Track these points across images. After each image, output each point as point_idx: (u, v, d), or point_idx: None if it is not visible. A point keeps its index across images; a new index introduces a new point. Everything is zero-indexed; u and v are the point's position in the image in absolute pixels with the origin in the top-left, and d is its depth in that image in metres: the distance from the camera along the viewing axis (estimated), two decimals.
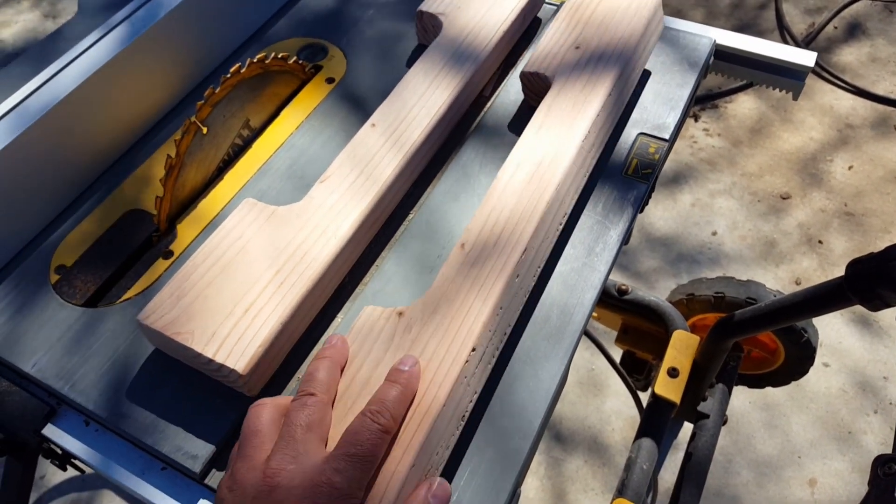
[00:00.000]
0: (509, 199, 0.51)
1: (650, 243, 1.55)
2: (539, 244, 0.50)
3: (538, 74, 0.60)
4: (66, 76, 0.57)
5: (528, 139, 0.55)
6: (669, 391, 0.76)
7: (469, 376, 0.44)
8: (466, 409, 0.44)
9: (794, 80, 0.71)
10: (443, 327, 0.44)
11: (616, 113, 0.60)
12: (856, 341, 1.39)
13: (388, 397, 0.40)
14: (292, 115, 0.63)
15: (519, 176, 0.52)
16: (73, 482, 1.29)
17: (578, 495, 1.24)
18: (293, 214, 0.51)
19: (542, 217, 0.50)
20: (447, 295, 0.46)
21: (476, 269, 0.47)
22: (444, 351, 0.43)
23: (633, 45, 0.60)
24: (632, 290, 0.88)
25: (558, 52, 0.61)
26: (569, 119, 0.55)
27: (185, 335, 0.46)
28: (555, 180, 0.52)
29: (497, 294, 0.46)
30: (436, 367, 0.43)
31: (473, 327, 0.44)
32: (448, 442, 0.43)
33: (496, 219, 0.50)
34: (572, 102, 0.56)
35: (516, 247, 0.48)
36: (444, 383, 0.42)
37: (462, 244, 0.49)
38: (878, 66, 1.83)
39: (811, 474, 1.25)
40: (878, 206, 1.58)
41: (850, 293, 0.67)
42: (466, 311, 0.45)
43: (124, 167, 0.62)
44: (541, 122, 0.56)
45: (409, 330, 0.45)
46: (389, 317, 0.46)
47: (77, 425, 0.49)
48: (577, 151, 0.54)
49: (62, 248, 0.56)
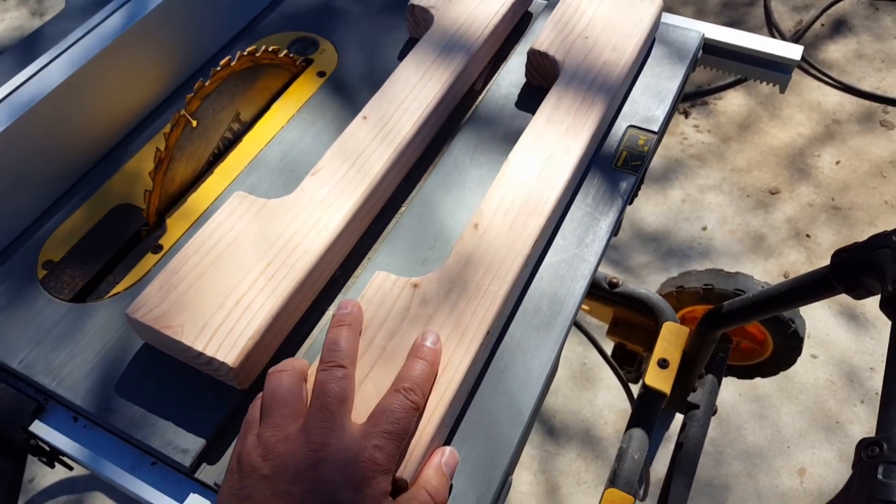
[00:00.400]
0: (521, 188, 0.53)
1: (641, 238, 1.56)
2: (544, 236, 0.52)
3: (547, 56, 0.61)
4: (53, 70, 0.56)
5: (539, 127, 0.57)
6: (660, 382, 0.76)
7: (481, 357, 0.46)
8: (470, 384, 0.47)
9: (781, 73, 0.71)
10: (459, 308, 0.46)
11: (615, 107, 0.62)
12: (843, 333, 1.41)
13: (416, 373, 0.41)
14: (283, 109, 0.63)
15: (530, 166, 0.54)
16: (62, 485, 1.28)
17: (572, 489, 1.24)
18: (284, 207, 0.51)
19: (552, 210, 0.52)
20: (463, 275, 0.48)
21: (490, 255, 0.49)
22: (460, 333, 0.45)
23: (638, 43, 0.62)
24: (622, 283, 0.89)
25: (567, 38, 0.62)
26: (579, 115, 0.57)
27: (174, 329, 0.45)
28: (563, 177, 0.54)
29: (510, 282, 0.48)
30: (453, 348, 0.44)
31: (489, 312, 0.46)
32: (455, 415, 0.45)
33: (508, 206, 0.52)
34: (581, 98, 0.58)
35: (527, 240, 0.50)
36: (460, 365, 0.44)
37: (476, 224, 0.51)
38: (864, 63, 1.85)
39: (800, 464, 1.26)
40: (864, 200, 1.59)
41: (835, 282, 0.68)
42: (481, 296, 0.47)
43: (113, 161, 0.61)
44: (549, 114, 0.57)
45: (425, 304, 0.46)
46: (404, 286, 0.48)
47: (65, 421, 0.49)
48: (584, 150, 0.56)
49: (50, 243, 0.56)
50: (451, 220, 0.56)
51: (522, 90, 0.64)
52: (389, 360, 0.44)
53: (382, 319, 0.46)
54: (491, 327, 0.46)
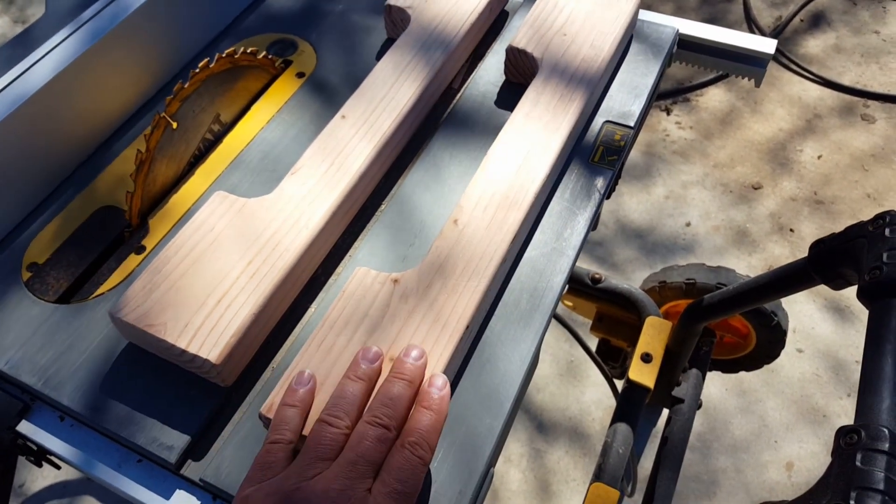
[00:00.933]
0: (500, 184, 0.54)
1: (625, 235, 1.57)
2: (523, 230, 0.53)
3: (525, 53, 0.62)
4: (33, 74, 0.57)
5: (518, 123, 0.57)
6: (643, 376, 0.77)
7: (460, 351, 0.47)
8: (451, 377, 0.47)
9: (755, 67, 0.73)
10: (439, 303, 0.47)
11: (593, 103, 0.63)
12: (828, 327, 1.42)
13: (423, 426, 0.39)
14: (263, 110, 0.64)
15: (509, 161, 0.55)
16: (53, 489, 1.28)
17: (561, 486, 1.25)
18: (264, 206, 0.52)
19: (531, 206, 0.53)
20: (442, 270, 0.49)
21: (469, 250, 0.50)
22: (440, 328, 0.46)
23: (615, 39, 0.63)
24: (605, 279, 0.89)
25: (545, 35, 0.63)
26: (557, 111, 0.58)
27: (157, 327, 0.46)
28: (542, 172, 0.54)
29: (489, 277, 0.48)
30: (433, 342, 0.45)
31: (467, 308, 0.47)
32: None
33: (487, 201, 0.52)
34: (559, 94, 0.59)
35: (506, 234, 0.51)
36: (440, 359, 0.44)
37: (455, 220, 0.51)
38: (843, 57, 1.87)
39: (787, 458, 1.28)
40: (847, 194, 1.61)
41: (814, 273, 0.68)
42: (461, 291, 0.48)
43: (95, 164, 0.62)
44: (528, 110, 0.58)
45: (405, 299, 0.47)
46: (384, 282, 0.48)
47: (52, 421, 0.49)
48: (563, 145, 0.56)
49: (34, 245, 0.56)
50: (431, 217, 0.57)
51: (501, 88, 0.65)
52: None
53: (363, 315, 0.46)
54: (470, 322, 0.47)
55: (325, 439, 0.39)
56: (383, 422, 0.39)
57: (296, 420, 0.41)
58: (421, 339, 0.45)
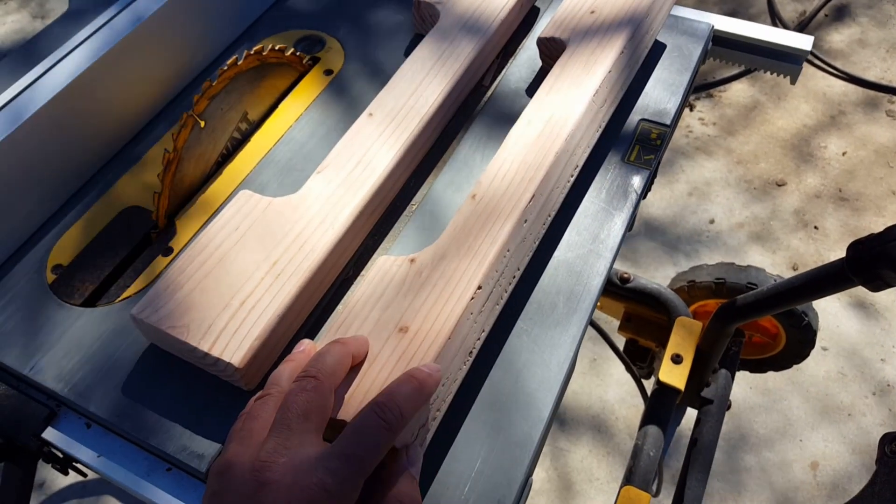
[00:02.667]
0: (519, 151, 0.52)
1: (649, 232, 1.55)
2: (549, 192, 0.51)
3: (554, 39, 0.60)
4: (58, 72, 0.56)
5: (540, 98, 0.56)
6: (674, 378, 0.76)
7: (475, 313, 0.45)
8: (474, 346, 0.46)
9: (791, 64, 0.71)
10: (451, 268, 0.46)
11: (629, 73, 0.60)
12: (853, 325, 1.40)
13: (399, 391, 0.36)
14: (291, 108, 0.62)
15: (530, 131, 0.53)
16: (74, 488, 1.28)
17: (584, 485, 1.24)
18: (290, 206, 0.51)
19: (552, 166, 0.51)
20: (457, 240, 0.47)
21: (484, 217, 0.48)
22: (451, 290, 0.44)
23: (645, 8, 0.60)
24: (634, 279, 0.88)
25: (574, 17, 0.61)
26: (580, 77, 0.56)
27: (180, 329, 0.45)
28: (564, 132, 0.52)
29: (504, 236, 0.47)
30: (443, 304, 0.44)
31: (480, 267, 0.45)
32: (456, 375, 0.44)
33: (506, 170, 0.51)
34: (584, 62, 0.57)
35: (525, 193, 0.49)
36: (450, 317, 0.43)
37: (473, 195, 0.50)
38: (868, 52, 1.83)
39: (813, 457, 1.26)
40: (872, 191, 1.58)
41: (852, 274, 0.67)
42: (474, 253, 0.46)
43: (121, 163, 0.61)
44: (552, 83, 0.57)
45: (419, 274, 0.46)
46: (402, 264, 0.47)
47: (78, 428, 0.48)
48: (588, 105, 0.54)
49: (59, 247, 0.55)
50: None
51: (534, 80, 0.64)
52: (381, 329, 0.43)
53: (379, 296, 0.45)
54: (482, 281, 0.45)
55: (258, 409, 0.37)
56: (308, 372, 0.37)
57: (286, 374, 0.39)
58: (430, 305, 0.44)
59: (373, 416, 0.35)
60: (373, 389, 0.40)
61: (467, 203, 0.50)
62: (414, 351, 0.42)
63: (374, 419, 0.34)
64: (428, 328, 0.43)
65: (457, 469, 0.44)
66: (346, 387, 0.40)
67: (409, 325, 0.43)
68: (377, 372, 0.41)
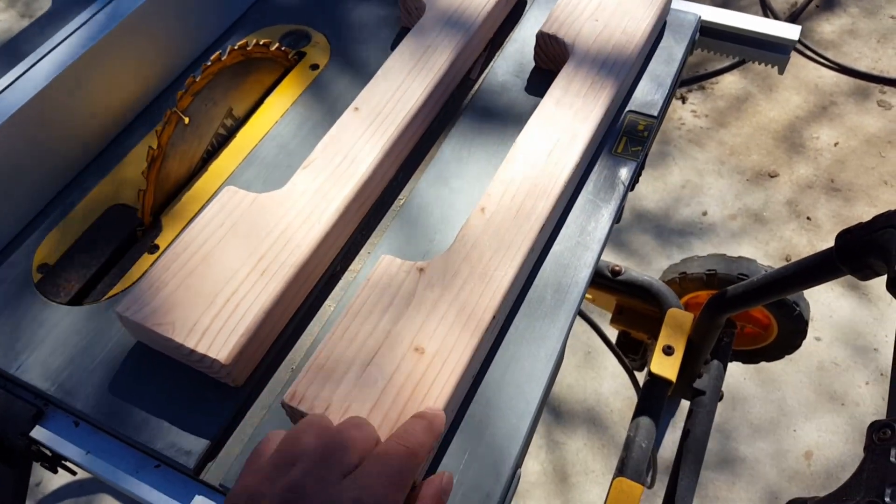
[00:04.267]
0: (529, 171, 0.52)
1: (641, 225, 1.55)
2: (552, 220, 0.52)
3: (556, 38, 0.60)
4: (40, 69, 0.55)
5: (547, 110, 0.56)
6: (665, 369, 0.76)
7: (487, 342, 0.46)
8: (475, 370, 0.46)
9: (779, 53, 0.70)
10: (465, 292, 0.46)
11: (624, 91, 0.61)
12: (846, 314, 1.40)
13: (411, 426, 0.38)
14: (277, 103, 0.62)
15: (538, 149, 0.54)
16: (70, 487, 1.28)
17: (580, 478, 1.24)
18: (275, 201, 0.50)
19: (560, 195, 0.52)
20: (469, 259, 0.48)
21: (497, 239, 0.49)
22: (465, 317, 0.45)
23: (648, 26, 0.61)
24: (625, 271, 0.88)
25: (577, 20, 0.61)
26: (588, 99, 0.57)
27: (165, 326, 0.45)
28: (572, 160, 0.53)
29: (516, 267, 0.47)
30: (459, 329, 0.44)
31: (494, 297, 0.46)
32: (459, 400, 0.45)
33: (516, 190, 0.51)
34: (591, 82, 0.58)
35: (535, 222, 0.49)
36: (466, 349, 0.43)
37: (482, 208, 0.50)
38: (859, 42, 1.83)
39: (807, 447, 1.26)
40: (864, 181, 1.58)
41: (841, 263, 0.67)
42: (488, 280, 0.46)
43: (106, 161, 0.60)
44: (558, 97, 0.57)
45: (430, 288, 0.46)
46: (409, 271, 0.47)
47: (66, 426, 0.48)
48: (594, 133, 0.55)
49: (44, 246, 0.55)
50: (452, 211, 0.55)
51: (531, 73, 0.64)
52: (394, 344, 0.43)
53: (387, 303, 0.45)
54: (497, 312, 0.46)
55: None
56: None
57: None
58: (447, 329, 0.44)
59: (393, 444, 0.36)
60: (392, 411, 0.41)
61: (476, 216, 0.50)
62: (433, 377, 0.42)
63: (394, 446, 0.36)
64: (446, 354, 0.43)
65: (445, 462, 0.44)
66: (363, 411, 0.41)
67: (425, 346, 0.43)
68: (395, 393, 0.41)
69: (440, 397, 0.41)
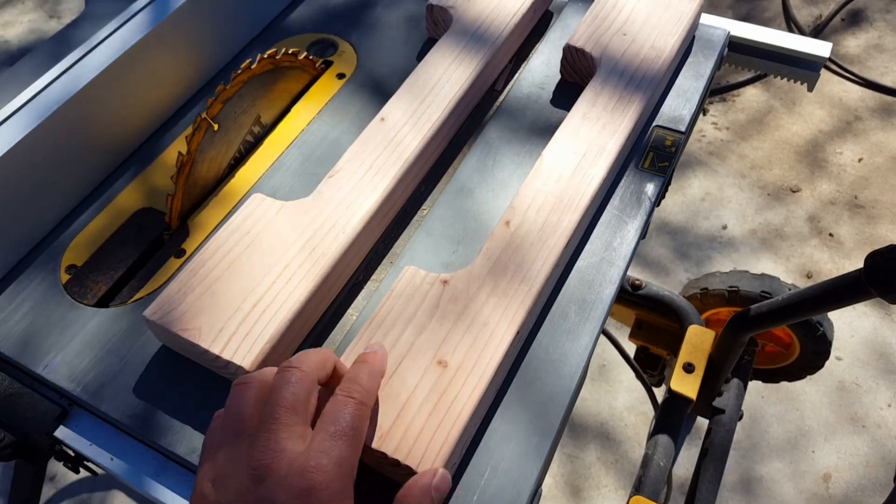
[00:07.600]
0: (555, 185, 0.52)
1: (659, 237, 1.54)
2: (577, 236, 0.52)
3: (583, 52, 0.60)
4: (75, 74, 0.56)
5: (573, 124, 0.56)
6: (685, 387, 0.75)
7: (510, 357, 0.46)
8: (498, 385, 0.47)
9: (809, 70, 0.70)
10: (489, 307, 0.46)
11: (652, 106, 0.61)
12: (868, 334, 1.38)
13: (358, 374, 0.39)
14: (304, 111, 0.63)
15: (564, 162, 0.53)
16: (84, 482, 1.29)
17: (591, 492, 1.23)
18: (302, 209, 0.51)
19: (586, 208, 0.51)
20: (493, 273, 0.48)
21: (521, 253, 0.48)
22: (489, 332, 0.45)
23: (677, 41, 0.61)
24: (646, 285, 0.87)
25: (604, 35, 0.61)
26: (616, 113, 0.56)
27: (192, 331, 0.45)
28: (598, 175, 0.53)
29: (540, 282, 0.47)
30: (483, 344, 0.44)
31: (518, 313, 0.46)
32: (482, 416, 0.45)
33: (541, 203, 0.51)
34: (618, 96, 0.57)
35: (560, 237, 0.49)
36: (489, 364, 0.43)
37: (507, 221, 0.50)
38: (885, 57, 1.81)
39: (825, 468, 1.24)
40: (888, 198, 1.56)
41: (870, 285, 0.66)
42: (512, 295, 0.46)
43: (135, 165, 0.61)
44: (585, 111, 0.57)
45: (454, 301, 0.46)
46: (434, 283, 0.47)
47: (90, 427, 0.49)
48: (621, 148, 0.55)
49: (73, 247, 0.56)
50: (475, 223, 0.55)
51: (557, 86, 0.64)
52: (417, 356, 0.43)
53: (411, 315, 0.45)
54: (521, 327, 0.45)
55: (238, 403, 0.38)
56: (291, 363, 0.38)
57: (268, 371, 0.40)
58: (470, 344, 0.44)
59: (341, 398, 0.37)
60: (414, 424, 0.41)
61: (501, 228, 0.50)
62: (457, 391, 0.42)
63: (343, 399, 0.37)
64: (469, 368, 0.43)
65: (467, 478, 0.43)
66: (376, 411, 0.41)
67: (448, 360, 0.43)
68: (418, 406, 0.41)
69: (463, 412, 0.41)
